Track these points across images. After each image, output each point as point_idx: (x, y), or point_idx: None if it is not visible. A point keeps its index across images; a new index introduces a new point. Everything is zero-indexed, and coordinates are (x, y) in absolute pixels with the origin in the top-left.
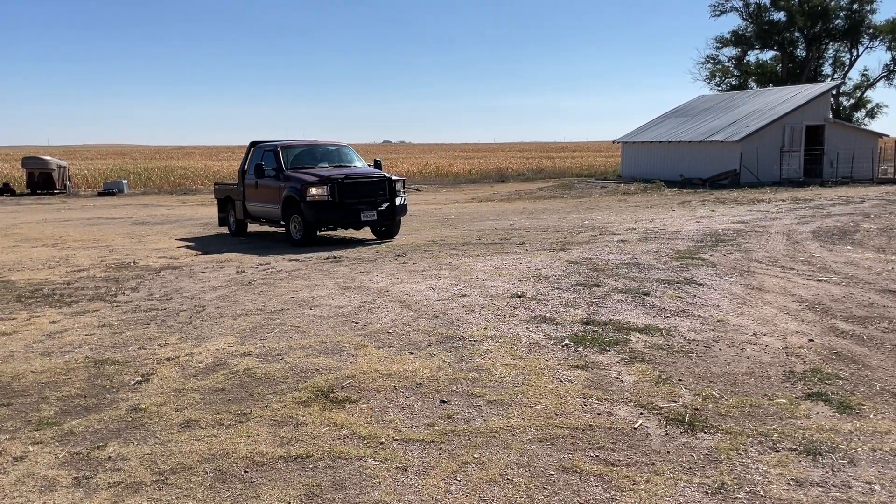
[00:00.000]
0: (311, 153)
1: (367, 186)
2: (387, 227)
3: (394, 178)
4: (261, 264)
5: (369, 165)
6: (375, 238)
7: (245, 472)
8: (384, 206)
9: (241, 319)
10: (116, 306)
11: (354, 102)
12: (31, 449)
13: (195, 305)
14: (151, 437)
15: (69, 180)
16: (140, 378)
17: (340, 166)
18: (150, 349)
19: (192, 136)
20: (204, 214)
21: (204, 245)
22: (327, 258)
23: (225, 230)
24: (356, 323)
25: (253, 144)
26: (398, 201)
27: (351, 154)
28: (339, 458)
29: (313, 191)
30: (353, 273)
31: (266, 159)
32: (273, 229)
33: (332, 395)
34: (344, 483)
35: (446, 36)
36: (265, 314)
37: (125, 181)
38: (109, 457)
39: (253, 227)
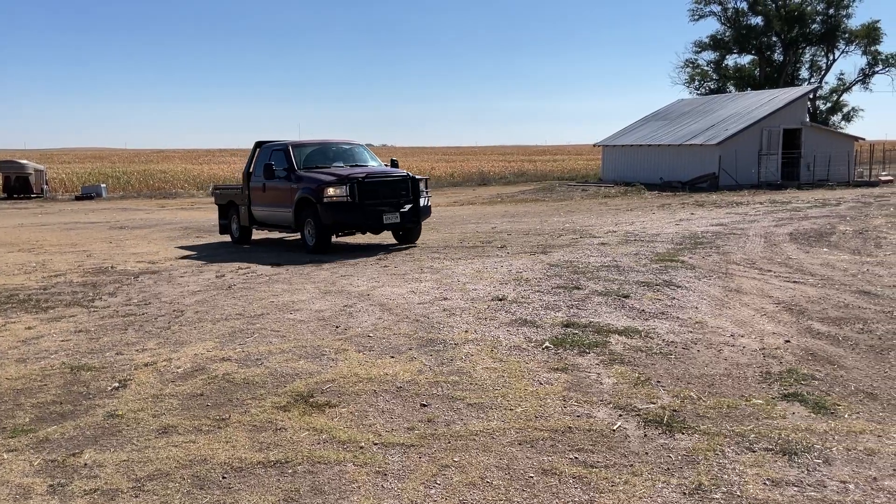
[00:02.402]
0: (324, 152)
1: (388, 186)
2: (409, 230)
3: (417, 177)
4: (240, 268)
5: (385, 165)
6: (396, 242)
7: (223, 477)
8: (407, 207)
9: (220, 324)
10: (94, 311)
11: (337, 105)
12: (5, 456)
13: (174, 310)
14: (128, 444)
15: (46, 184)
16: (117, 384)
17: (356, 166)
18: (128, 355)
19: (172, 140)
20: (184, 218)
21: (207, 255)
22: (308, 262)
23: (226, 238)
24: (337, 327)
25: (258, 145)
26: (422, 202)
27: (366, 153)
28: (319, 462)
29: (330, 191)
30: (333, 277)
31: (275, 159)
32: (279, 236)
33: (311, 400)
34: (323, 488)
35: (429, 39)
36: (245, 319)
37: (103, 185)
38: (85, 464)
39: (258, 235)
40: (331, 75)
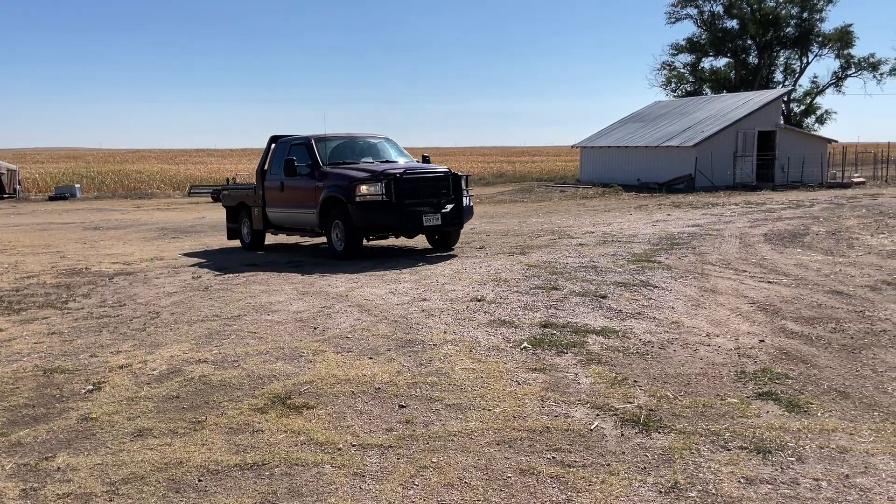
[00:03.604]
0: (350, 146)
1: (429, 184)
2: (447, 233)
3: (459, 173)
4: (217, 271)
5: (417, 161)
6: (430, 247)
7: (199, 480)
8: (449, 207)
9: (196, 326)
10: (67, 313)
11: (312, 106)
12: None
13: (149, 312)
14: (102, 447)
15: (19, 184)
16: (91, 386)
17: (386, 161)
18: (102, 357)
19: (148, 140)
20: (160, 219)
21: (218, 262)
22: (287, 263)
23: (233, 242)
24: (315, 328)
25: (274, 139)
26: (465, 202)
27: (396, 148)
28: (296, 464)
29: (364, 189)
30: (311, 278)
31: (296, 154)
32: (295, 240)
33: (289, 402)
34: (300, 490)
35: (406, 41)
36: (221, 320)
37: (78, 185)
38: (59, 467)
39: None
40: (303, 77)
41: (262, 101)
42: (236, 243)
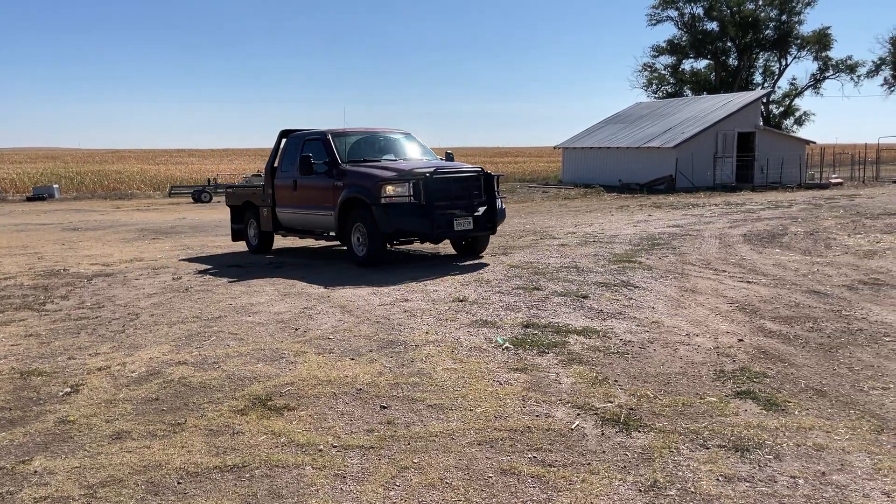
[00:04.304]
0: (370, 142)
1: (460, 185)
2: (475, 238)
3: (492, 173)
4: (198, 271)
5: (441, 159)
6: (455, 252)
7: (178, 483)
8: (481, 210)
9: (176, 327)
10: (45, 315)
11: (293, 107)
12: None
13: (128, 313)
14: (80, 450)
15: None
16: (69, 389)
17: (410, 160)
18: (80, 359)
19: (128, 140)
20: (140, 220)
21: (199, 263)
22: (269, 264)
23: (238, 246)
24: (296, 329)
25: (284, 134)
26: (498, 204)
27: (419, 144)
28: (277, 466)
29: (390, 189)
30: (293, 278)
31: (312, 151)
32: (304, 242)
33: (269, 403)
34: (281, 491)
35: (387, 42)
36: (202, 321)
37: (56, 186)
38: (35, 471)
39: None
40: (282, 78)
41: (244, 102)
42: (221, 243)
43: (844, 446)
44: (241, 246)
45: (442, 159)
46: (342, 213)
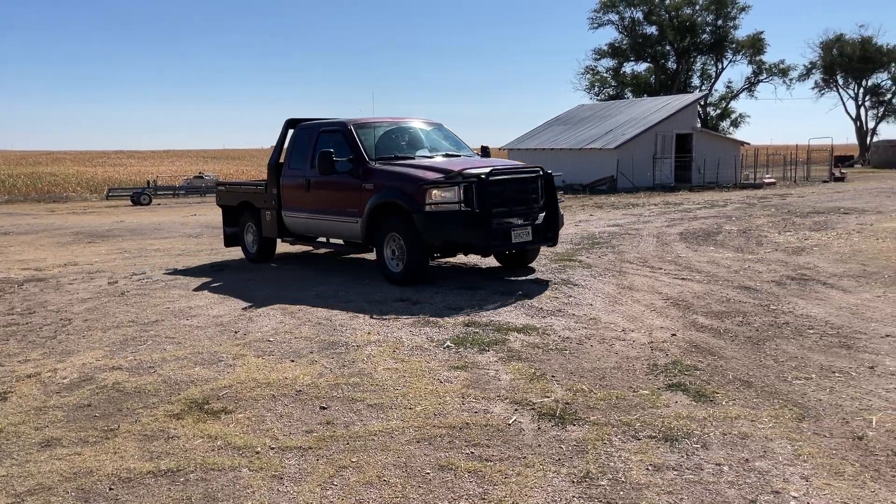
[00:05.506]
0: (400, 135)
1: (517, 187)
2: (528, 250)
3: (552, 173)
4: (134, 274)
5: (477, 154)
6: (502, 265)
7: (110, 489)
8: (541, 217)
9: (111, 332)
10: None
11: (246, 107)
12: None
13: (61, 319)
14: (8, 459)
15: None
16: None
17: (450, 156)
18: (9, 366)
19: (64, 141)
20: (76, 223)
21: (135, 267)
22: (211, 267)
23: (233, 253)
24: (235, 332)
25: (291, 124)
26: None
27: (454, 139)
28: (212, 469)
29: (437, 194)
30: (234, 281)
31: (328, 145)
32: (309, 248)
33: (206, 407)
34: (216, 495)
35: (333, 43)
36: (138, 326)
37: None
38: None
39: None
40: (240, 79)
41: (186, 101)
42: (160, 246)
43: (768, 434)
44: (181, 248)
45: (478, 154)
46: (371, 221)
